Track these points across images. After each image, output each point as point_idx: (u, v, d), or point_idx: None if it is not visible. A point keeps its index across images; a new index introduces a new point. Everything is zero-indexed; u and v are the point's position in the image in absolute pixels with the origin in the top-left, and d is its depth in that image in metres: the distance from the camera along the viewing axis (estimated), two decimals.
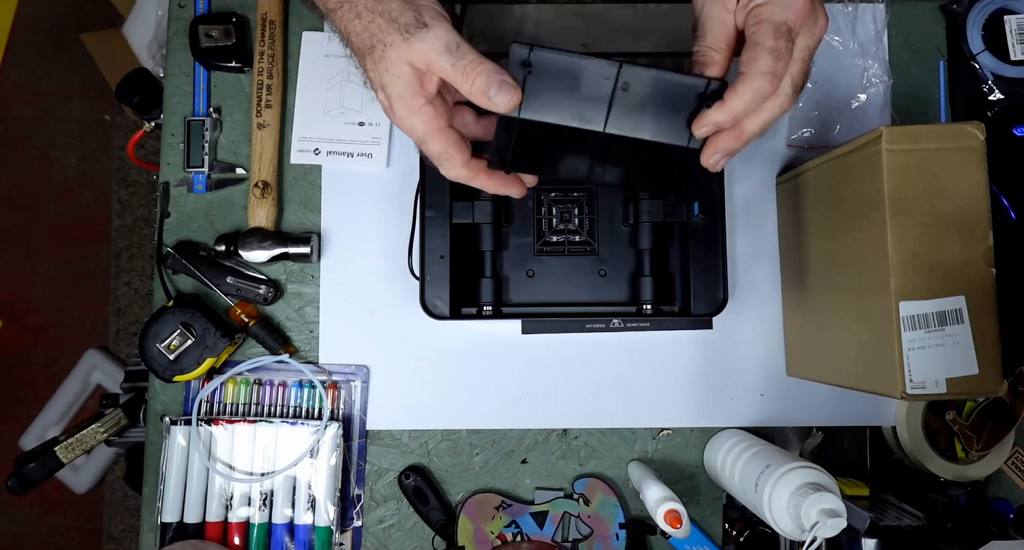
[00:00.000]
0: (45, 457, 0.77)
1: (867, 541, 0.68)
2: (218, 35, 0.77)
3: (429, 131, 0.50)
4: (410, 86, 0.49)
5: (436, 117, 0.50)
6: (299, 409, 0.76)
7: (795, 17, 0.49)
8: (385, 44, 0.48)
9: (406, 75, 0.48)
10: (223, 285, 0.76)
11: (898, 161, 0.57)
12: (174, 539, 0.72)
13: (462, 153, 0.52)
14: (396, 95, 0.49)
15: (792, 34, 0.49)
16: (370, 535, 0.76)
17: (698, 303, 0.71)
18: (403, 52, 0.47)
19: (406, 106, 0.49)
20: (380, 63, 0.48)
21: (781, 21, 0.49)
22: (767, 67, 0.49)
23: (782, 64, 0.49)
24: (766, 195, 0.80)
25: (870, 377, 0.61)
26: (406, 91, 0.49)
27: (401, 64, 0.48)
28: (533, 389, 0.77)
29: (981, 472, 0.74)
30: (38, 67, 1.80)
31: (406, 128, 0.51)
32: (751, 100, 0.50)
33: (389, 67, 0.48)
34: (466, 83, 0.48)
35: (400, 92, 0.49)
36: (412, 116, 0.50)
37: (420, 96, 0.49)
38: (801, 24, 0.50)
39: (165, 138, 0.79)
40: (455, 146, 0.52)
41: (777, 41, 0.49)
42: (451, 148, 0.51)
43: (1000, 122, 0.79)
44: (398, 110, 0.50)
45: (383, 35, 0.47)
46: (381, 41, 0.48)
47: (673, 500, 0.65)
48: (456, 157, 0.52)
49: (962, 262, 0.56)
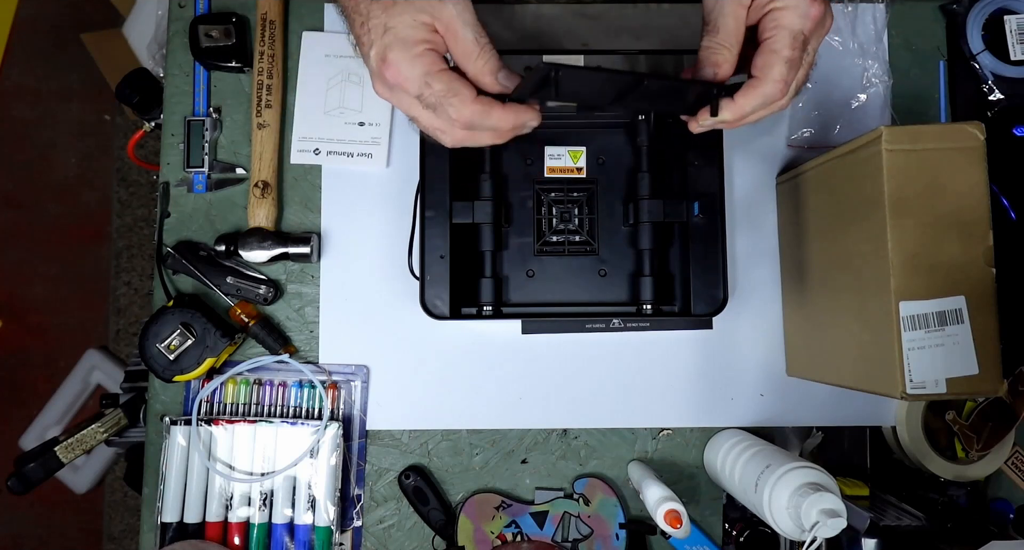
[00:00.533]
0: (45, 457, 0.77)
1: (867, 541, 0.68)
2: (218, 35, 0.77)
3: (431, 70, 0.48)
4: (419, 32, 0.47)
5: (439, 59, 0.49)
6: (299, 409, 0.76)
7: (812, 25, 0.50)
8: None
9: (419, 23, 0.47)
10: (223, 285, 0.76)
11: (898, 161, 0.57)
12: (174, 539, 0.72)
13: (470, 88, 0.49)
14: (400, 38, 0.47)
15: (807, 42, 0.50)
16: (370, 535, 0.76)
17: (698, 303, 0.71)
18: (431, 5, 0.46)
19: (408, 50, 0.47)
20: (396, 6, 0.46)
21: (799, 30, 0.50)
22: (781, 76, 0.50)
23: (794, 72, 0.50)
24: (766, 195, 0.80)
25: (870, 377, 0.61)
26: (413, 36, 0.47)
27: (421, 13, 0.47)
28: (533, 389, 0.77)
29: (981, 472, 0.74)
30: (38, 67, 1.80)
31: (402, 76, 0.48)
32: (760, 104, 0.51)
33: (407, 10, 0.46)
34: (480, 60, 0.48)
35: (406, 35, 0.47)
36: (413, 60, 0.47)
37: (426, 43, 0.48)
38: (815, 30, 0.50)
39: (165, 138, 0.79)
40: (461, 82, 0.49)
41: (794, 51, 0.50)
42: (457, 84, 0.48)
43: (1000, 122, 0.79)
44: (395, 56, 0.47)
45: None
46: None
47: (673, 500, 0.65)
48: (465, 92, 0.49)
49: (962, 262, 0.56)
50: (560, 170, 0.76)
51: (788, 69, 0.50)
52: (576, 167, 0.76)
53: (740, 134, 0.79)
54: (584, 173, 0.76)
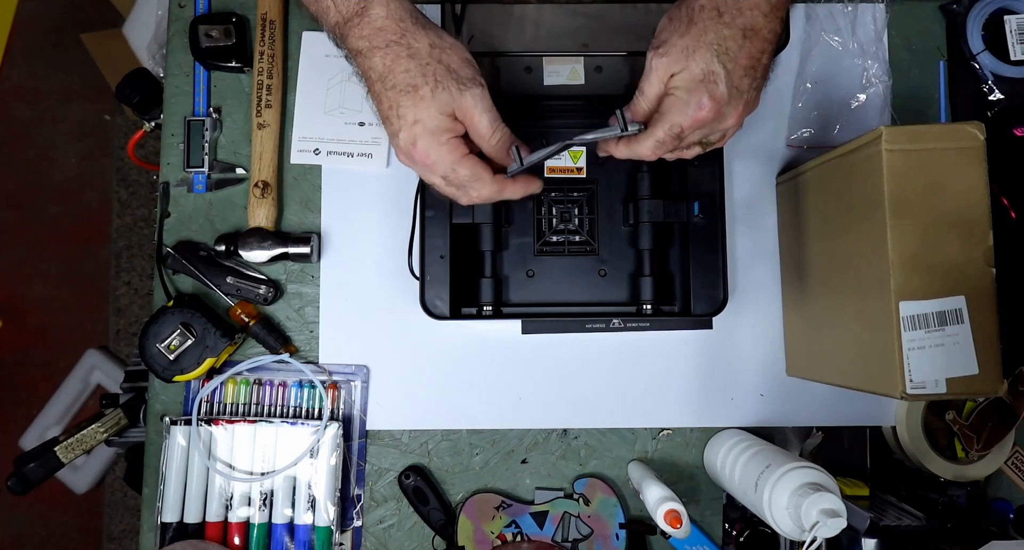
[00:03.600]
0: (45, 457, 0.77)
1: (867, 541, 0.68)
2: (218, 35, 0.77)
3: (457, 158, 0.56)
4: (444, 123, 0.54)
5: (463, 146, 0.56)
6: (299, 409, 0.76)
7: (690, 124, 0.57)
8: (439, 86, 0.53)
9: (444, 115, 0.54)
10: (223, 285, 0.76)
11: (898, 161, 0.57)
12: (174, 539, 0.72)
13: (489, 170, 0.58)
14: (429, 129, 0.54)
15: (683, 133, 0.58)
16: (370, 535, 0.76)
17: (698, 303, 0.71)
18: (455, 98, 0.54)
19: (436, 139, 0.55)
20: (424, 100, 0.53)
21: (677, 122, 0.57)
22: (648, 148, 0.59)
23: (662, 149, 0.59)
24: (766, 195, 0.80)
25: (870, 377, 0.61)
26: (439, 126, 0.54)
27: (446, 106, 0.54)
28: (533, 389, 0.77)
29: (981, 472, 0.74)
30: (38, 67, 1.80)
31: (431, 160, 0.56)
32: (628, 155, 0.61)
33: (432, 105, 0.54)
34: (494, 138, 0.56)
35: (434, 127, 0.54)
36: (440, 148, 0.55)
37: (450, 132, 0.55)
38: (696, 127, 0.57)
39: (165, 138, 0.79)
40: (482, 166, 0.57)
41: (666, 135, 0.58)
42: (479, 168, 0.57)
43: (1000, 122, 0.79)
44: (424, 145, 0.55)
45: (440, 79, 0.54)
46: (436, 82, 0.53)
47: (673, 500, 0.65)
48: (485, 175, 0.57)
49: (962, 262, 0.56)
50: (560, 170, 0.76)
51: (656, 145, 0.58)
52: (576, 167, 0.76)
53: (740, 134, 0.79)
54: (584, 173, 0.76)
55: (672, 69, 0.56)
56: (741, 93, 0.57)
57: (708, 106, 0.56)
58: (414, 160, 0.56)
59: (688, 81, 0.56)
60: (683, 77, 0.56)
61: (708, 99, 0.55)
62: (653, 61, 0.57)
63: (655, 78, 0.57)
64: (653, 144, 0.59)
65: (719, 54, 0.55)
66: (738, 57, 0.56)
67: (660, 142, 0.58)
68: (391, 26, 0.54)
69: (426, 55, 0.54)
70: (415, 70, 0.53)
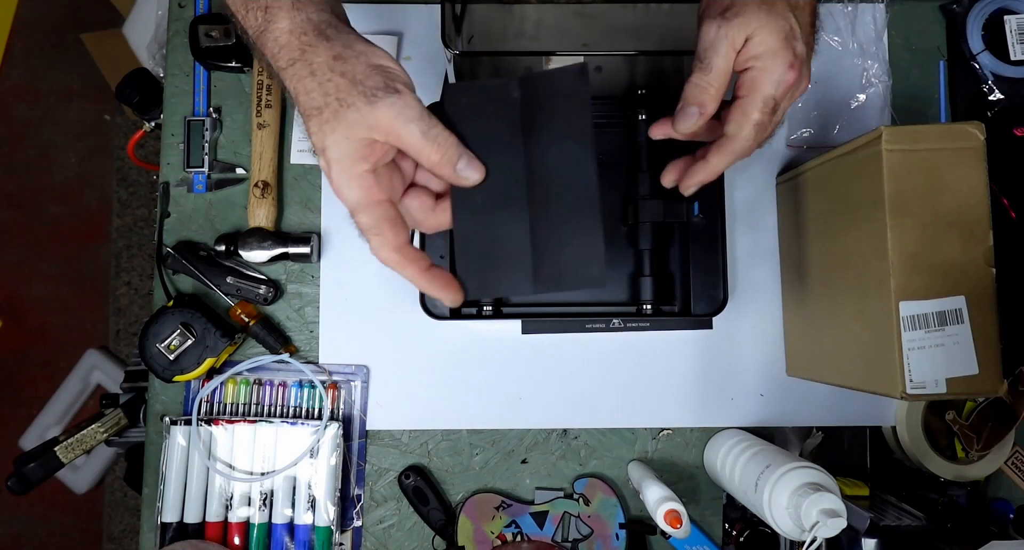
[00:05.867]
0: (45, 457, 0.77)
1: (867, 541, 0.68)
2: (218, 35, 0.77)
3: (363, 201, 0.46)
4: (356, 150, 0.45)
5: (376, 187, 0.46)
6: (299, 409, 0.76)
7: (783, 91, 0.52)
8: (342, 104, 0.44)
9: (355, 138, 0.45)
10: (223, 285, 0.76)
11: (898, 161, 0.57)
12: (174, 539, 0.72)
13: (396, 233, 0.47)
14: (336, 158, 0.45)
15: (777, 106, 0.52)
16: (370, 535, 0.76)
17: (698, 303, 0.71)
18: (364, 115, 0.44)
19: (346, 171, 0.45)
20: (327, 123, 0.45)
21: (770, 95, 0.51)
22: (750, 137, 0.53)
23: (763, 133, 0.53)
24: (766, 195, 0.80)
25: (870, 377, 0.61)
26: (350, 155, 0.45)
27: (355, 127, 0.45)
28: (533, 389, 0.77)
29: (981, 472, 0.74)
30: (38, 67, 1.80)
31: (342, 196, 0.46)
32: (731, 160, 0.55)
33: (338, 128, 0.44)
34: (435, 153, 0.46)
35: (342, 155, 0.45)
36: (350, 182, 0.46)
37: (365, 162, 0.46)
38: (787, 94, 0.52)
39: (165, 138, 0.79)
40: (388, 222, 0.47)
41: (764, 115, 0.52)
42: (384, 223, 0.47)
43: (1000, 122, 0.79)
44: (335, 175, 0.46)
45: (342, 95, 0.44)
46: (337, 100, 0.44)
47: (673, 500, 0.65)
48: (388, 234, 0.47)
49: (962, 262, 0.56)
50: None
51: (757, 131, 0.52)
52: None
53: None
54: None
55: (747, 30, 0.49)
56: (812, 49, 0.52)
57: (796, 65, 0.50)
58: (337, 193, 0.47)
59: (772, 42, 0.49)
60: (764, 39, 0.49)
61: (793, 57, 0.50)
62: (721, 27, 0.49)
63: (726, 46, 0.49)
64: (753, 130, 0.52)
65: (794, 8, 0.50)
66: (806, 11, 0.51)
67: (760, 125, 0.51)
68: (292, 42, 0.46)
69: (327, 70, 0.45)
70: (316, 90, 0.45)
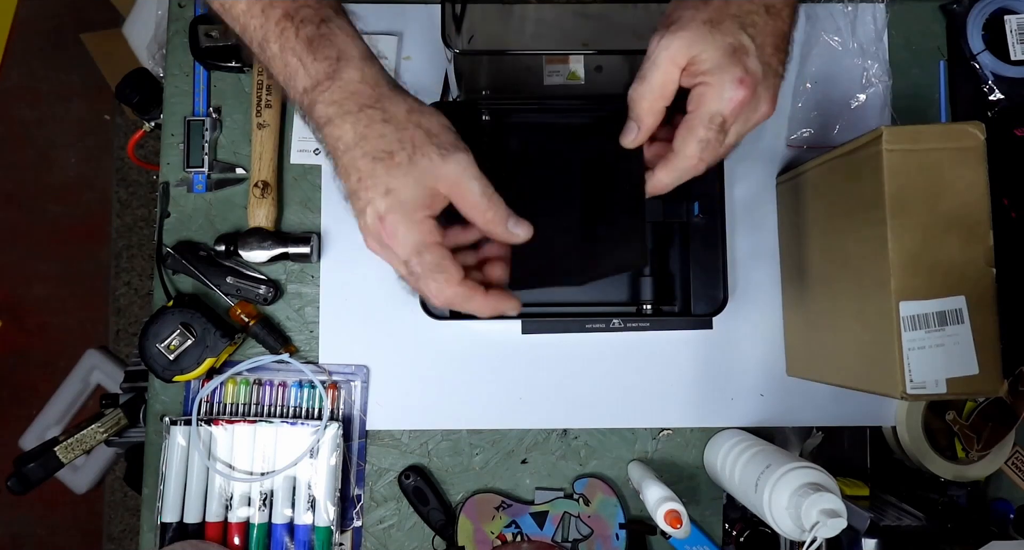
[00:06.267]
0: (45, 457, 0.77)
1: (867, 541, 0.68)
2: (218, 35, 0.77)
3: (424, 242, 0.48)
4: (421, 197, 0.47)
5: (436, 230, 0.49)
6: (299, 409, 0.76)
7: (732, 107, 0.51)
8: (416, 152, 0.47)
9: (423, 186, 0.47)
10: (223, 285, 0.76)
11: (898, 161, 0.57)
12: (174, 539, 0.72)
13: (457, 269, 0.49)
14: (400, 202, 0.47)
15: (726, 124, 0.52)
16: (370, 535, 0.76)
17: (698, 303, 0.71)
18: (435, 166, 0.47)
19: (408, 215, 0.47)
20: (399, 167, 0.47)
21: (716, 111, 0.51)
22: (694, 153, 0.52)
23: (709, 151, 0.52)
24: (766, 195, 0.80)
25: (870, 377, 0.61)
26: (414, 200, 0.47)
27: (426, 175, 0.47)
28: (533, 389, 0.77)
29: (981, 472, 0.74)
30: (38, 67, 1.80)
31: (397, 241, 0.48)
32: (678, 177, 0.54)
33: (410, 172, 0.47)
34: (490, 210, 0.49)
35: (407, 199, 0.47)
36: (411, 225, 0.48)
37: (427, 209, 0.48)
38: (737, 114, 0.51)
39: (165, 138, 0.79)
40: (449, 259, 0.49)
41: (708, 131, 0.51)
42: (445, 261, 0.49)
43: (1000, 122, 0.79)
44: (393, 219, 0.47)
45: (418, 144, 0.47)
46: (413, 148, 0.47)
47: (673, 500, 0.65)
48: (452, 270, 0.49)
49: (962, 262, 0.56)
50: None
51: (702, 148, 0.52)
52: None
53: None
54: None
55: (692, 49, 0.50)
56: (774, 71, 0.52)
57: (747, 82, 0.50)
58: (381, 240, 0.49)
59: (717, 58, 0.49)
60: (709, 56, 0.49)
61: (743, 73, 0.49)
62: (663, 40, 0.50)
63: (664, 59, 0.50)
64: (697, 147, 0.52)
65: (745, 27, 0.50)
66: (764, 31, 0.51)
67: (704, 142, 0.51)
68: (365, 90, 0.48)
69: (404, 119, 0.47)
70: (391, 135, 0.47)
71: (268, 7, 0.47)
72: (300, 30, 0.47)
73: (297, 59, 0.48)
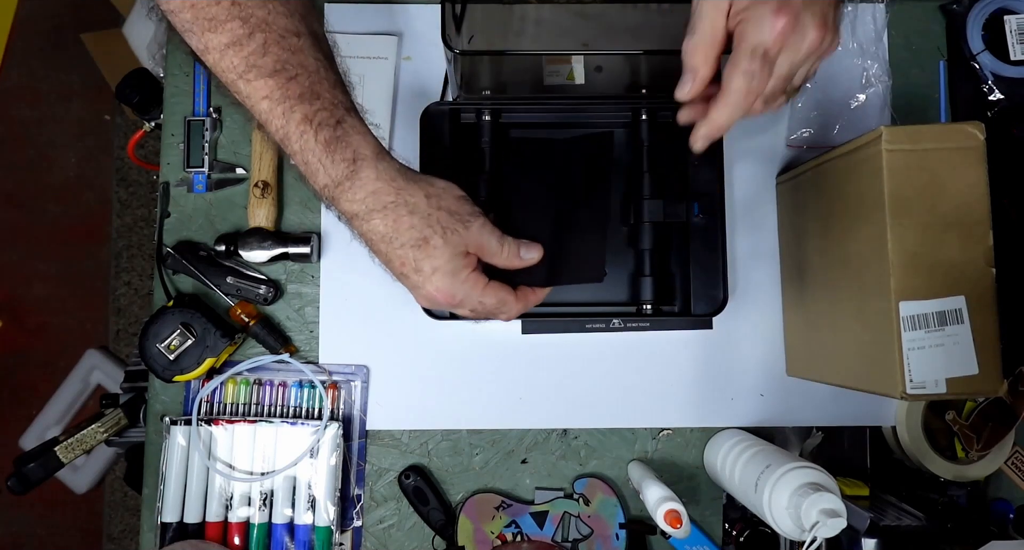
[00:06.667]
0: (45, 457, 0.77)
1: (867, 541, 0.68)
2: None
3: (480, 290, 0.57)
4: (461, 262, 0.56)
5: (480, 277, 0.57)
6: (299, 409, 0.76)
7: (773, 38, 0.51)
8: (446, 231, 0.55)
9: (459, 254, 0.55)
10: (223, 285, 0.76)
11: (898, 161, 0.57)
12: (174, 539, 0.72)
13: (511, 293, 0.59)
14: (451, 272, 0.55)
15: (769, 55, 0.51)
16: (370, 535, 0.76)
17: (698, 303, 0.71)
18: (463, 237, 0.55)
19: (458, 279, 0.56)
20: (437, 249, 0.54)
21: (758, 43, 0.51)
22: (739, 87, 0.52)
23: (756, 82, 0.52)
24: (766, 195, 0.80)
25: (870, 377, 0.61)
26: (459, 267, 0.56)
27: (458, 246, 0.55)
28: (533, 389, 0.77)
29: (981, 472, 0.74)
30: (38, 67, 1.80)
31: (458, 299, 0.57)
32: (732, 113, 0.54)
33: (447, 249, 0.55)
34: (504, 252, 0.58)
35: (455, 268, 0.55)
36: (462, 284, 0.56)
37: (467, 268, 0.56)
38: (781, 44, 0.51)
39: (165, 138, 0.79)
40: (505, 291, 0.59)
41: (751, 64, 0.51)
42: (503, 293, 0.59)
43: (1000, 122, 0.79)
44: (447, 289, 0.56)
45: (445, 224, 0.55)
46: (443, 229, 0.55)
47: (673, 500, 0.65)
48: (510, 299, 0.59)
49: (962, 262, 0.56)
50: None
51: (748, 80, 0.52)
52: None
53: (740, 134, 0.79)
54: None
55: None
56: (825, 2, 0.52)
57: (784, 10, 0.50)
58: (439, 303, 0.57)
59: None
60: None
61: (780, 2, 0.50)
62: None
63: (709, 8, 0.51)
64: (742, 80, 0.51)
65: None
66: None
67: (749, 75, 0.51)
68: (384, 187, 0.54)
69: (425, 207, 0.54)
70: (420, 224, 0.54)
71: (288, 111, 0.51)
72: (319, 133, 0.52)
73: (317, 160, 0.53)
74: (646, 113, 0.73)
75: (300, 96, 0.51)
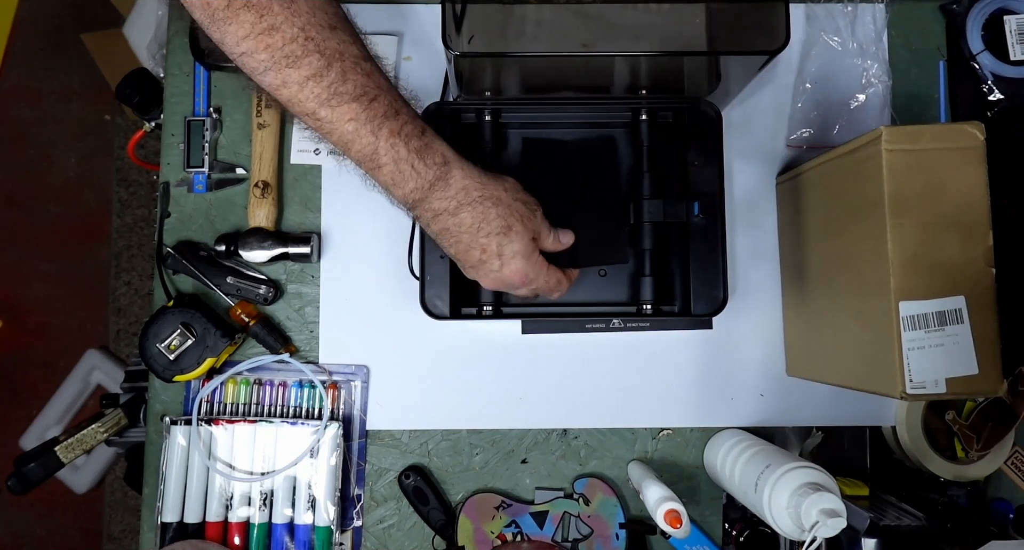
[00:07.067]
0: (45, 457, 0.77)
1: (867, 541, 0.68)
2: None
3: (546, 268, 0.65)
4: (531, 246, 0.63)
5: (544, 259, 0.65)
6: (299, 409, 0.76)
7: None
8: (523, 220, 0.62)
9: (530, 239, 0.63)
10: (223, 285, 0.76)
11: (898, 161, 0.57)
12: (174, 539, 0.72)
13: (563, 272, 0.67)
14: (525, 254, 0.62)
15: None
16: (370, 535, 0.76)
17: (698, 303, 0.71)
18: (534, 224, 0.64)
19: (531, 261, 0.63)
20: (519, 235, 0.62)
21: None
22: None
23: None
24: (766, 195, 0.80)
25: (870, 377, 0.61)
26: (532, 250, 0.63)
27: (530, 232, 0.63)
28: (533, 389, 0.77)
29: (981, 472, 0.74)
30: (38, 67, 1.80)
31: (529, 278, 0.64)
32: None
33: (524, 235, 0.62)
34: (551, 237, 0.66)
35: (529, 251, 0.63)
36: (535, 266, 0.64)
37: (536, 251, 0.64)
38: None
39: (165, 138, 0.79)
40: (560, 271, 0.66)
41: None
42: (559, 273, 0.66)
43: (1000, 122, 0.79)
44: (524, 267, 0.63)
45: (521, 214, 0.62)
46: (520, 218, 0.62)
47: (673, 500, 0.65)
48: (563, 278, 0.67)
49: (962, 262, 0.56)
50: None
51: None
52: None
53: (740, 134, 0.79)
54: None
55: None
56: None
57: None
58: (513, 284, 0.64)
59: None
60: None
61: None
62: None
63: None
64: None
65: None
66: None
67: None
68: (471, 183, 0.60)
69: (508, 199, 0.62)
70: (505, 214, 0.61)
71: (377, 129, 0.56)
72: (409, 144, 0.57)
73: (410, 167, 0.58)
74: (646, 113, 0.73)
75: (384, 114, 0.56)
